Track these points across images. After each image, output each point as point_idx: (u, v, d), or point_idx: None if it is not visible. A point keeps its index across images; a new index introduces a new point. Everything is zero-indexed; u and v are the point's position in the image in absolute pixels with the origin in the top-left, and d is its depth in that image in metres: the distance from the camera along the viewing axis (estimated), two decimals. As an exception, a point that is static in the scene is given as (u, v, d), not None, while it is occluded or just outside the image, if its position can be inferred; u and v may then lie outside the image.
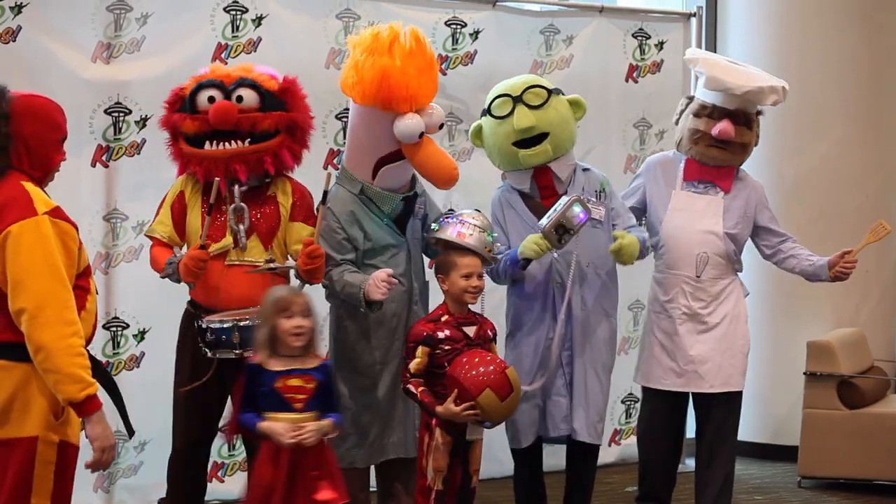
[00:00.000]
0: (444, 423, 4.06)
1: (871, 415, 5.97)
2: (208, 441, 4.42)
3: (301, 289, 4.13)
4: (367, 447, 4.36)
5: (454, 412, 4.00)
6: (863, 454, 5.89)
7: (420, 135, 4.28)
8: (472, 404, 3.98)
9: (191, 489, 4.39)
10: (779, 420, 6.57)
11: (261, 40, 5.42)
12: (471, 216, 4.32)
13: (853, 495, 5.86)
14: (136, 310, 5.27)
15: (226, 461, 5.47)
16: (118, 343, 5.27)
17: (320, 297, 4.42)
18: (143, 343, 5.29)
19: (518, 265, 4.46)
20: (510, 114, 4.56)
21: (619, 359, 4.95)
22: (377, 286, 4.13)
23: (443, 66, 5.71)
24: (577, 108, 4.68)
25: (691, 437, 5.17)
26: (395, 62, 4.21)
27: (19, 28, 4.99)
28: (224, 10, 5.37)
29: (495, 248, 4.36)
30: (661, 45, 6.40)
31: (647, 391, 5.01)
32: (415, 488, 4.19)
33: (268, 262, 4.20)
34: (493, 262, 4.39)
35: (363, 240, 4.35)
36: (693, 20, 6.49)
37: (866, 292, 6.57)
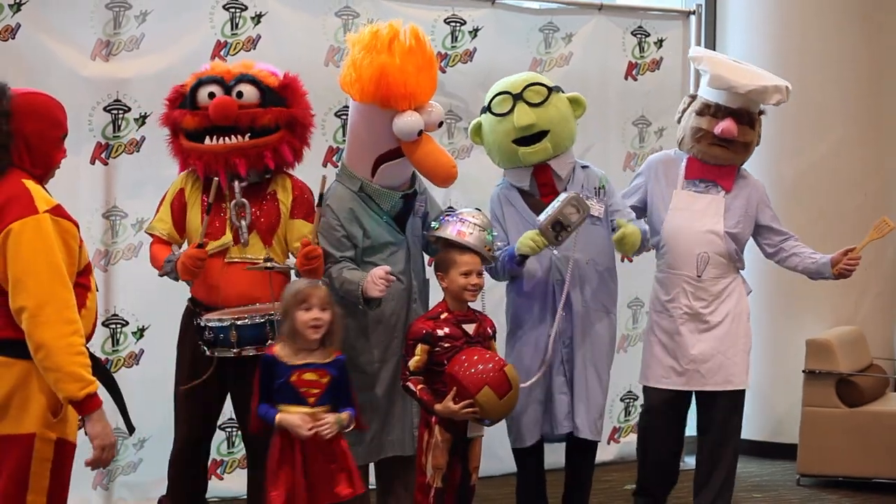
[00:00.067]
0: (444, 420, 4.06)
1: (869, 413, 5.97)
2: (208, 438, 4.43)
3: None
4: (365, 445, 4.34)
5: (453, 410, 4.00)
6: (862, 452, 5.89)
7: (419, 132, 4.27)
8: (471, 402, 3.99)
9: (192, 487, 4.39)
10: (778, 418, 6.57)
11: (260, 38, 5.42)
12: (471, 215, 4.32)
13: (852, 493, 5.86)
14: (135, 307, 5.27)
15: (225, 458, 5.46)
16: (117, 340, 5.26)
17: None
18: (142, 340, 5.29)
19: (515, 261, 4.46)
20: (510, 111, 4.56)
21: (617, 356, 4.94)
22: (375, 283, 4.13)
23: (442, 64, 5.70)
24: (576, 106, 4.68)
25: (691, 434, 5.15)
26: (394, 60, 4.20)
27: (18, 26, 4.99)
28: (223, 7, 5.36)
29: (495, 247, 4.36)
30: (660, 43, 6.40)
31: (648, 390, 5.00)
32: (414, 486, 4.19)
33: (266, 262, 4.20)
34: (493, 260, 4.39)
35: (362, 237, 4.35)
36: (692, 18, 6.50)
37: (865, 290, 6.57)
